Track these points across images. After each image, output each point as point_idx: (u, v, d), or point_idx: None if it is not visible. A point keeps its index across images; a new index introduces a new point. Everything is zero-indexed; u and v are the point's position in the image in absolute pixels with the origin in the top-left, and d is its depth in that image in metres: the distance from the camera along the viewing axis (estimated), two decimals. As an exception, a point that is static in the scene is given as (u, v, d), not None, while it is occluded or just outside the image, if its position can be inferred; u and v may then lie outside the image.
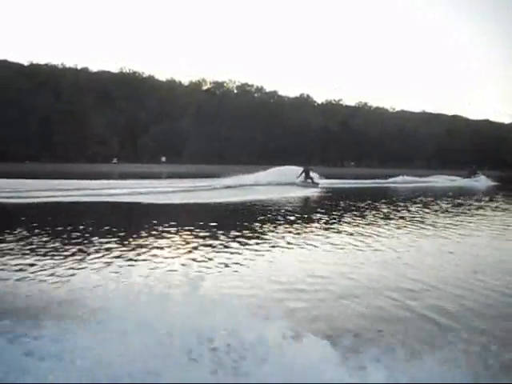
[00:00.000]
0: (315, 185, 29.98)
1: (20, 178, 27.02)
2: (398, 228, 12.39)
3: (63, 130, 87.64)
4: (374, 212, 17.01)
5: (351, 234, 10.95)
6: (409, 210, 17.58)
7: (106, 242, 9.12)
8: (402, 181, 44.56)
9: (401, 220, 14.14)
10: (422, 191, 31.82)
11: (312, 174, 30.89)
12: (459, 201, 23.93)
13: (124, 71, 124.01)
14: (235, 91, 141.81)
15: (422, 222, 13.26)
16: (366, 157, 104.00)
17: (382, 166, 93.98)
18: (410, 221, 13.88)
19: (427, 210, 17.77)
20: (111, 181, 30.22)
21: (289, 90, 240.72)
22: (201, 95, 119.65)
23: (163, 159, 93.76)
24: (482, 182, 45.62)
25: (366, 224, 13.05)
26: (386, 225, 12.98)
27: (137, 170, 57.67)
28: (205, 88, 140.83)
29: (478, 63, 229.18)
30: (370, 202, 21.97)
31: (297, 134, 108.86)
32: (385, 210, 17.77)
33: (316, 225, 13.13)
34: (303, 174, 30.27)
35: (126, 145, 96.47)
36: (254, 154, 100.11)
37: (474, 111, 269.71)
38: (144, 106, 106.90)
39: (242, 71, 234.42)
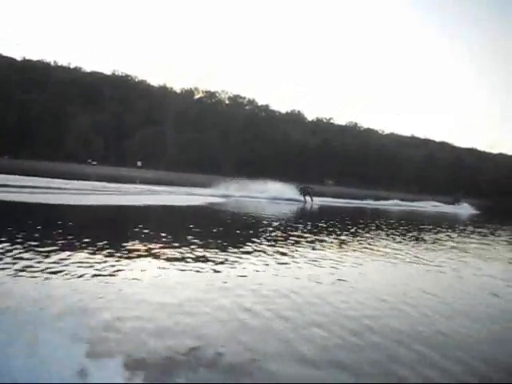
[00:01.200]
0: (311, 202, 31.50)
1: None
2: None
3: (46, 127, 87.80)
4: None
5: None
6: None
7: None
8: (394, 204, 45.75)
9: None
10: (416, 215, 32.82)
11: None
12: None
13: (116, 73, 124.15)
14: (227, 102, 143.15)
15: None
16: (345, 176, 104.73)
17: (360, 187, 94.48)
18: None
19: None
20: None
21: (280, 105, 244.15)
22: (191, 103, 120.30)
23: (139, 164, 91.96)
24: (465, 209, 46.59)
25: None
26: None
27: (109, 173, 57.36)
28: (197, 97, 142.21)
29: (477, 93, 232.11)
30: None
31: (277, 149, 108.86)
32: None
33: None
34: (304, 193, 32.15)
35: (111, 147, 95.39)
36: (233, 165, 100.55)
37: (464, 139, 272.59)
38: (133, 109, 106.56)
39: (236, 83, 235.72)
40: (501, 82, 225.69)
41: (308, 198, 32.04)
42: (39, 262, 6.78)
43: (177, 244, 9.29)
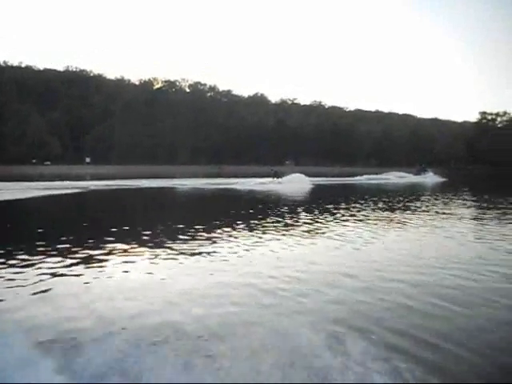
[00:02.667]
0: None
1: None
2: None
3: None
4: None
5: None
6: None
7: None
8: (365, 178, 45.89)
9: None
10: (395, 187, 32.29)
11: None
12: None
13: (70, 69, 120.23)
14: (187, 90, 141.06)
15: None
16: (303, 155, 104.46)
17: (319, 165, 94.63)
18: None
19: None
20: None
21: (245, 89, 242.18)
22: (148, 94, 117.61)
23: (87, 160, 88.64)
24: (431, 178, 47.28)
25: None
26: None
27: (59, 172, 56.14)
28: (156, 87, 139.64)
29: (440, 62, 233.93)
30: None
31: (232, 134, 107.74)
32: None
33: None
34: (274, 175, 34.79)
35: (68, 145, 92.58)
36: (189, 154, 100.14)
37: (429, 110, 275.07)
38: (88, 105, 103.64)
39: (196, 70, 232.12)
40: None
41: (278, 179, 34.26)
42: None
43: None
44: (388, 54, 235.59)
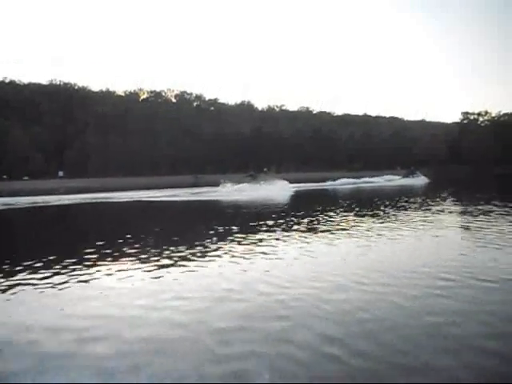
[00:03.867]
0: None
1: None
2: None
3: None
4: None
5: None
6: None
7: None
8: (342, 183, 44.86)
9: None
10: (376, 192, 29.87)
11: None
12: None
13: (54, 83, 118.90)
14: (173, 100, 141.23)
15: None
16: (285, 162, 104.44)
17: (301, 170, 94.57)
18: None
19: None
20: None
21: (232, 96, 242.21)
22: (132, 105, 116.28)
23: (60, 174, 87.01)
24: (419, 180, 47.40)
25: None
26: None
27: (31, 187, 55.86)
28: (142, 97, 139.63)
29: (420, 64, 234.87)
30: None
31: (211, 143, 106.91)
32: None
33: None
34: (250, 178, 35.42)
35: (52, 160, 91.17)
36: (171, 165, 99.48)
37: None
38: (72, 118, 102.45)
39: (183, 80, 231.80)
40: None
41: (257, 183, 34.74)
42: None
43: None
44: (374, 58, 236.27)
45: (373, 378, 3.28)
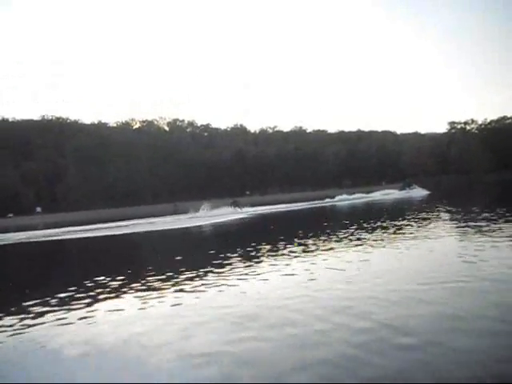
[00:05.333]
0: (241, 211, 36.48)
1: None
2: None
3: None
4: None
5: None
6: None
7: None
8: (340, 199, 45.44)
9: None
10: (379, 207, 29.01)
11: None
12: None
13: (46, 118, 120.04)
14: (166, 128, 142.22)
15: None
16: (267, 184, 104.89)
17: (288, 191, 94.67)
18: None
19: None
20: None
21: (226, 120, 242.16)
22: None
23: (38, 209, 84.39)
24: (417, 192, 47.12)
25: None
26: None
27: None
28: (135, 127, 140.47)
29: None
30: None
31: (190, 170, 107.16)
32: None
33: None
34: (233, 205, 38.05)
35: (43, 194, 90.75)
36: (149, 193, 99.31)
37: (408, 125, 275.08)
38: (64, 152, 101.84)
39: (175, 108, 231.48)
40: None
41: (238, 209, 37.05)
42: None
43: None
44: (356, 71, 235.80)
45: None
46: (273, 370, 3.60)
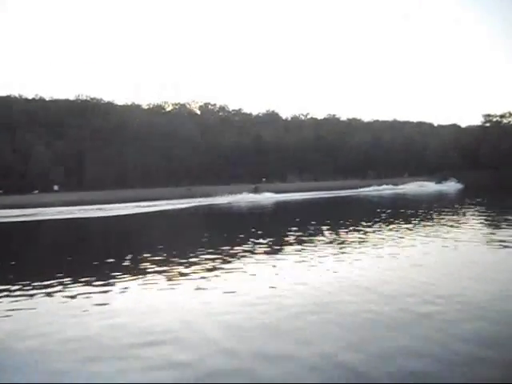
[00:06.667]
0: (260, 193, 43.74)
1: None
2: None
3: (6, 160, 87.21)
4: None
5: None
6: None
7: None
8: (375, 190, 49.45)
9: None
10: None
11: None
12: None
13: (81, 98, 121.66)
14: (198, 111, 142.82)
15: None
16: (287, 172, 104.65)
17: (307, 180, 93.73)
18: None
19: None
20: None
21: (257, 105, 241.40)
22: (155, 118, 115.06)
23: (55, 188, 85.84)
24: (453, 186, 47.12)
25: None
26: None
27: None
28: (168, 109, 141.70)
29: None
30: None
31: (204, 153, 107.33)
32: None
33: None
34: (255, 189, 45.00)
35: (73, 173, 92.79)
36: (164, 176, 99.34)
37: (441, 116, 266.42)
38: (95, 132, 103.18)
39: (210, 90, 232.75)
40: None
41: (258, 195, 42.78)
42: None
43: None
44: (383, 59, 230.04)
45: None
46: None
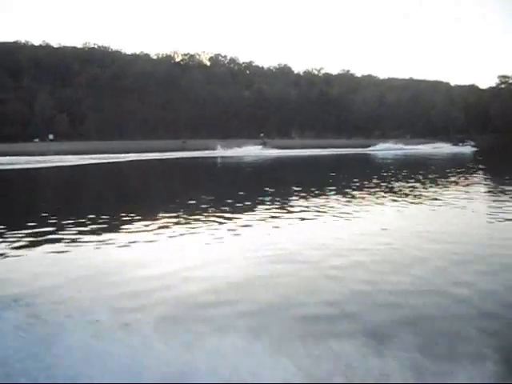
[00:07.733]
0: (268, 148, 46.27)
1: None
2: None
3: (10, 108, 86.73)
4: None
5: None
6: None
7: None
8: (387, 148, 51.10)
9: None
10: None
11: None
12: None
13: (88, 46, 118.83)
14: (208, 63, 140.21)
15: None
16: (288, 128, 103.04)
17: (309, 137, 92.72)
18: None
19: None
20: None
21: (269, 59, 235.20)
22: (162, 68, 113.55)
23: (50, 137, 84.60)
24: (467, 148, 48.92)
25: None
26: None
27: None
28: (177, 60, 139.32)
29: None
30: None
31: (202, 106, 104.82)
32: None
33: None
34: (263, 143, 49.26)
35: (76, 122, 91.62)
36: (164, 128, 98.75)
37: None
38: (99, 80, 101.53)
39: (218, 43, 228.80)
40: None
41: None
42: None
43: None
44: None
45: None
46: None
